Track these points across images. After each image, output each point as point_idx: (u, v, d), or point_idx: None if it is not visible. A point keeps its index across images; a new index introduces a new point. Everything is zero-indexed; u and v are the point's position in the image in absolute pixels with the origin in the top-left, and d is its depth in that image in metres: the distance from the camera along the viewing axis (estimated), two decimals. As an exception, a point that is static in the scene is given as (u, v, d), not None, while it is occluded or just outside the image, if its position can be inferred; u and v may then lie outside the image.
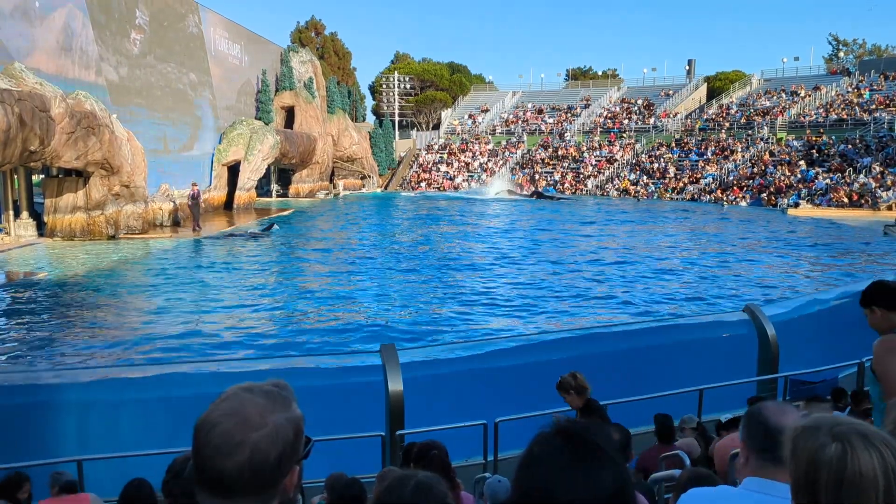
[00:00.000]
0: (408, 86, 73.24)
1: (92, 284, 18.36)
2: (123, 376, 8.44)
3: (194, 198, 30.46)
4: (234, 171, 40.59)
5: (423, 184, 61.83)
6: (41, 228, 26.07)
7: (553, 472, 1.32)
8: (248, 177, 40.96)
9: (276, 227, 31.11)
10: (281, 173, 51.40)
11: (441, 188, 60.44)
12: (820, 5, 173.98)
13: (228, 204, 40.03)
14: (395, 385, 6.81)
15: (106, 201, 26.49)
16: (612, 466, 1.34)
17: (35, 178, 28.84)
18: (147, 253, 24.26)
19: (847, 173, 43.75)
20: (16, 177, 25.93)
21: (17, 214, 25.87)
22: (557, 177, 58.17)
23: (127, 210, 27.54)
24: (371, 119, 75.95)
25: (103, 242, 25.36)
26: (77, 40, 27.91)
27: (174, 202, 32.31)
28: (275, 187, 50.65)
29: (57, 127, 22.47)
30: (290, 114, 50.13)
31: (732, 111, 59.68)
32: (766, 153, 50.83)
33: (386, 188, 62.42)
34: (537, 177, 58.75)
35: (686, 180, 51.98)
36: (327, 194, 53.33)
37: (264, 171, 43.29)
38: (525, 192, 54.62)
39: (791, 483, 1.62)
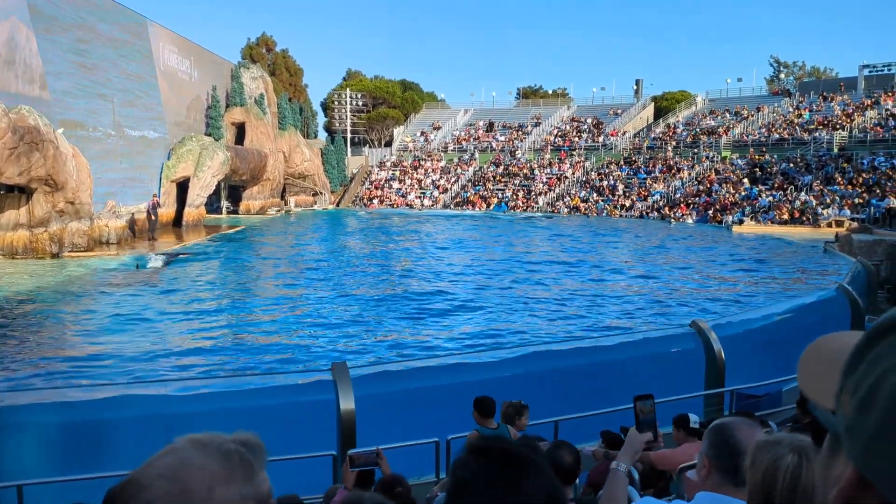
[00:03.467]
0: (360, 103, 73.16)
1: (33, 304, 17.85)
2: (61, 399, 8.19)
3: (153, 208, 30.12)
4: (183, 187, 39.93)
5: (375, 200, 61.75)
6: (-20, 246, 25.26)
7: (483, 492, 1.30)
8: (198, 193, 40.34)
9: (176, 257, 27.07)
10: (231, 190, 50.77)
11: (394, 205, 60.49)
12: (762, 28, 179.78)
13: (177, 221, 39.35)
14: (347, 403, 6.78)
15: (50, 218, 25.82)
16: (538, 473, 1.35)
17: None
18: (92, 271, 23.66)
19: (789, 191, 45.06)
20: (-46, 193, 25.14)
21: (-46, 232, 25.04)
22: (509, 194, 58.68)
23: (72, 227, 26.87)
24: (323, 136, 75.67)
25: (46, 260, 24.68)
26: (20, 53, 27.24)
27: (122, 218, 31.65)
28: (225, 204, 49.99)
29: (-2, 142, 21.88)
30: (240, 130, 49.60)
31: (679, 130, 61.07)
32: (712, 171, 52.09)
33: (338, 205, 62.15)
34: (488, 194, 59.18)
35: (634, 197, 52.94)
36: (279, 211, 52.84)
37: (214, 187, 42.69)
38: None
39: (748, 490, 1.69)
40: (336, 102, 73.73)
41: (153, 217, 30.04)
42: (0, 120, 22.07)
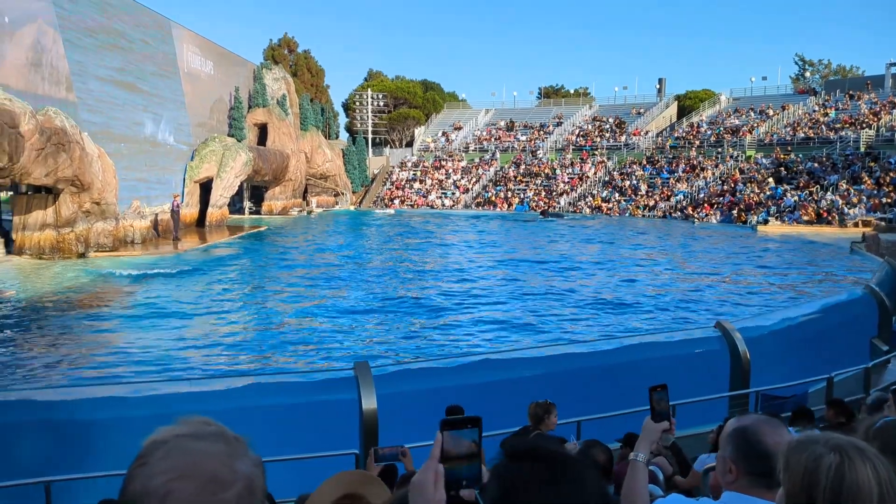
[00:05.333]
0: (381, 103, 73.33)
1: (61, 303, 18.08)
2: (91, 396, 8.28)
3: (175, 209, 30.51)
4: (206, 188, 40.28)
5: (396, 201, 61.87)
6: (9, 246, 25.64)
7: (537, 495, 1.28)
8: (221, 194, 40.67)
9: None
10: (254, 190, 51.12)
11: (414, 205, 60.59)
12: (787, 26, 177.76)
13: (200, 221, 39.71)
14: (369, 402, 6.79)
15: (76, 218, 26.15)
16: (587, 472, 1.33)
17: (3, 195, 28.39)
18: (117, 271, 23.91)
19: (814, 191, 44.54)
20: (-17, 194, 25.58)
21: (-17, 232, 25.47)
22: (530, 194, 58.53)
23: (97, 227, 27.20)
24: (344, 136, 75.89)
25: (73, 260, 24.99)
26: (47, 56, 27.61)
27: (147, 218, 32.01)
28: (247, 204, 50.34)
29: (26, 143, 22.17)
30: (262, 131, 49.93)
31: (702, 129, 60.57)
32: (736, 171, 51.61)
33: (359, 205, 62.35)
34: (510, 194, 59.08)
35: (657, 197, 52.58)
36: (300, 211, 53.11)
37: (237, 188, 43.03)
38: None
39: (784, 493, 1.66)
40: (357, 103, 73.96)
41: (175, 216, 30.48)
42: (28, 121, 22.37)
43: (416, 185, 64.11)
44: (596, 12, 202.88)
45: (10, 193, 26.86)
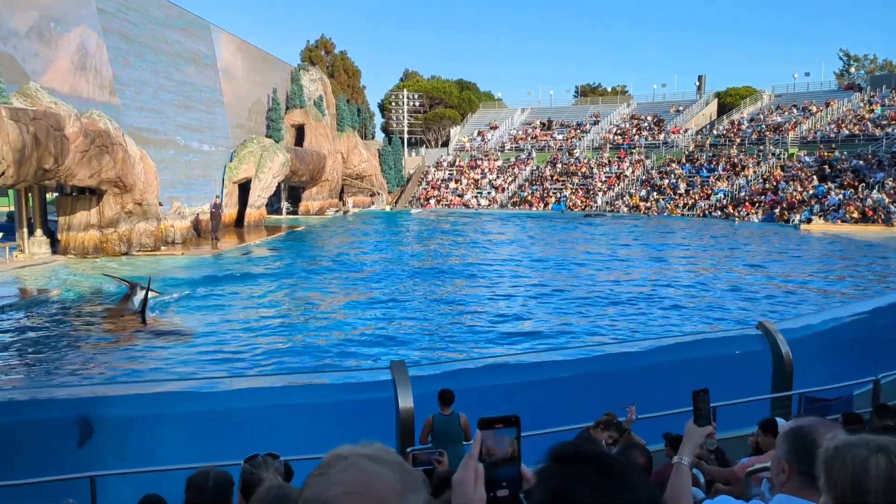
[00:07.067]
0: (417, 103, 73.50)
1: (107, 301, 18.44)
2: (133, 392, 8.44)
3: (216, 208, 30.99)
4: (244, 188, 40.80)
5: (431, 200, 61.96)
6: (55, 246, 26.23)
7: (587, 499, 1.26)
8: (259, 194, 41.15)
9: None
10: (291, 191, 51.62)
11: (450, 205, 60.62)
12: (830, 21, 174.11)
13: (239, 221, 40.23)
14: (406, 402, 6.80)
15: (119, 219, 26.67)
16: (638, 476, 1.32)
17: (49, 196, 29.08)
18: (159, 270, 24.33)
19: (859, 189, 43.55)
20: (30, 195, 26.14)
21: (31, 232, 26.05)
22: (567, 193, 58.16)
23: (139, 227, 27.71)
24: (380, 136, 76.24)
25: (116, 260, 25.48)
26: (91, 60, 28.23)
27: (187, 219, 32.53)
28: (285, 205, 50.84)
29: (71, 146, 22.67)
30: (300, 132, 50.41)
31: (743, 127, 59.61)
32: (778, 169, 50.69)
33: (395, 205, 62.59)
34: (546, 193, 58.79)
35: (697, 196, 51.87)
36: (337, 211, 53.49)
37: (274, 188, 43.49)
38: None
39: (833, 495, 1.62)
40: (393, 103, 74.25)
41: (215, 216, 30.98)
42: (72, 124, 22.86)
43: (452, 184, 64.13)
44: (634, 9, 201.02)
45: (56, 195, 27.50)
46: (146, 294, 15.56)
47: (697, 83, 71.19)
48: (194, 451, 6.75)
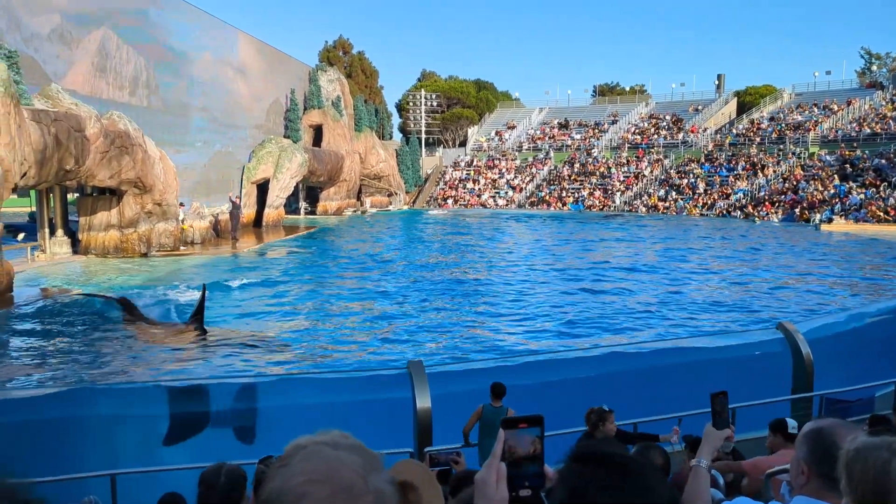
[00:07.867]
0: (434, 103, 73.50)
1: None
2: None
3: (235, 208, 31.21)
4: (262, 188, 41.02)
5: (449, 200, 61.96)
6: (75, 246, 26.51)
7: (606, 499, 1.27)
8: (277, 195, 41.36)
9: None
10: (309, 191, 51.82)
11: (468, 205, 60.60)
12: (851, 19, 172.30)
13: (258, 221, 40.46)
14: (423, 402, 6.79)
15: (139, 219, 26.89)
16: (656, 477, 1.32)
17: (70, 196, 29.38)
18: (179, 270, 24.51)
19: (881, 188, 43.04)
20: (51, 196, 26.42)
21: (52, 232, 26.33)
22: (585, 193, 57.95)
23: (159, 228, 27.93)
24: (398, 136, 76.34)
25: (136, 260, 25.70)
26: (111, 62, 28.49)
27: (206, 219, 32.75)
28: (303, 205, 51.05)
29: (91, 146, 22.89)
30: (318, 132, 50.60)
31: (763, 126, 59.08)
32: (798, 168, 50.21)
33: (413, 205, 62.65)
34: (564, 193, 58.60)
35: (716, 196, 51.49)
36: (355, 211, 53.65)
37: (293, 188, 43.69)
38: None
39: (853, 497, 1.61)
40: (411, 103, 74.31)
41: (235, 216, 31.26)
42: (93, 125, 23.08)
43: (470, 184, 64.10)
44: (653, 8, 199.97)
45: (77, 195, 27.78)
46: (202, 301, 15.25)
47: (717, 82, 70.61)
48: (208, 449, 6.79)
